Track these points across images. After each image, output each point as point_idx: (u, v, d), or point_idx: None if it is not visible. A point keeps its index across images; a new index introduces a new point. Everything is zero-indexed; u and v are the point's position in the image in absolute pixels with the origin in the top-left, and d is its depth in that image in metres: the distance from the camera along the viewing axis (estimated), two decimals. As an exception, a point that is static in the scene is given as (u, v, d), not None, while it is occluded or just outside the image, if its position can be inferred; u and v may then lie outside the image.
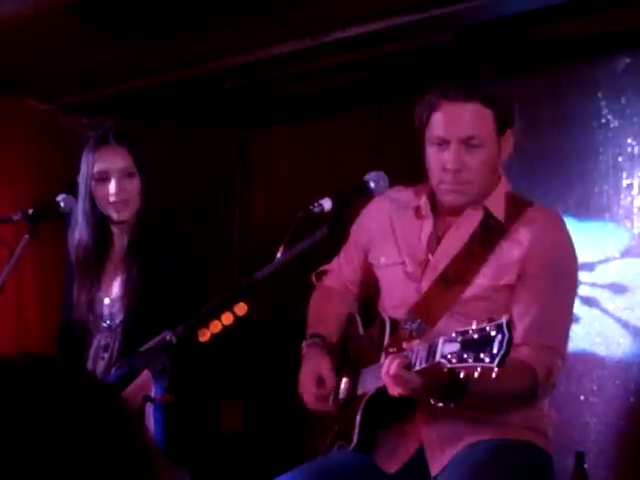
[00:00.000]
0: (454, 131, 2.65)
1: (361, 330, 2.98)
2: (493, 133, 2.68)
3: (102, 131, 3.42)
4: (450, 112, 2.66)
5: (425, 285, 2.76)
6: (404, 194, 2.93)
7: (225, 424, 4.83)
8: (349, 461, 2.79)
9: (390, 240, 2.90)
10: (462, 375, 2.29)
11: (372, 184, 2.68)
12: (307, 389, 2.88)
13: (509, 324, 2.23)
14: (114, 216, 3.36)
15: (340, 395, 2.88)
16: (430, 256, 2.78)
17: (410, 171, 2.83)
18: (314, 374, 2.87)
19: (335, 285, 3.12)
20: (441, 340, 2.35)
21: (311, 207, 2.57)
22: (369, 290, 3.05)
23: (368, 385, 2.76)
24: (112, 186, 3.33)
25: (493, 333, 2.23)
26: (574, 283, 2.80)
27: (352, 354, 2.96)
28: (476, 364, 2.23)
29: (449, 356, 2.29)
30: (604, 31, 3.51)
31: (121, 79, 4.36)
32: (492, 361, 2.20)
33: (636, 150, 3.59)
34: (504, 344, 2.20)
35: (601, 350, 3.67)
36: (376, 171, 2.70)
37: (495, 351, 2.20)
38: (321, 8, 3.39)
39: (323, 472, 2.77)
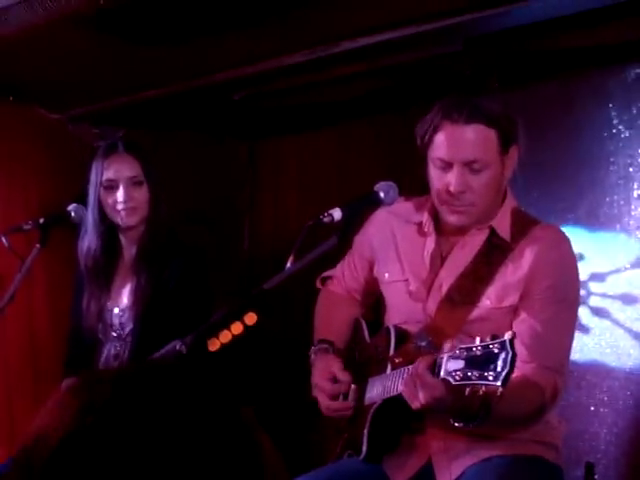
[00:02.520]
0: (457, 154, 2.61)
1: (367, 337, 2.98)
2: (497, 153, 2.63)
3: (112, 140, 3.46)
4: (453, 134, 2.61)
5: (431, 306, 2.74)
6: (404, 207, 2.92)
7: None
8: (358, 469, 2.78)
9: (393, 256, 2.88)
10: (467, 392, 2.28)
11: (382, 194, 2.67)
12: (322, 389, 2.87)
13: (512, 341, 2.22)
14: (121, 222, 3.39)
15: (349, 402, 2.87)
16: (434, 275, 2.77)
17: (420, 182, 2.82)
18: (327, 374, 2.87)
19: (339, 291, 3.12)
20: (445, 357, 2.34)
21: (321, 217, 2.57)
22: (374, 298, 3.05)
23: (375, 396, 2.76)
24: (120, 194, 3.36)
25: (496, 350, 2.22)
26: (576, 305, 2.78)
27: (359, 360, 2.96)
28: (480, 382, 2.22)
29: (453, 373, 2.28)
30: (615, 41, 3.50)
31: (131, 89, 4.36)
32: (496, 379, 2.18)
33: (647, 160, 3.59)
34: (508, 362, 2.19)
35: (612, 361, 3.66)
36: (386, 181, 2.70)
37: (499, 369, 2.19)
38: (331, 19, 3.39)
39: (331, 478, 2.76)
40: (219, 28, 3.53)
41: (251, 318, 2.44)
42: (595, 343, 3.68)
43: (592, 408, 3.68)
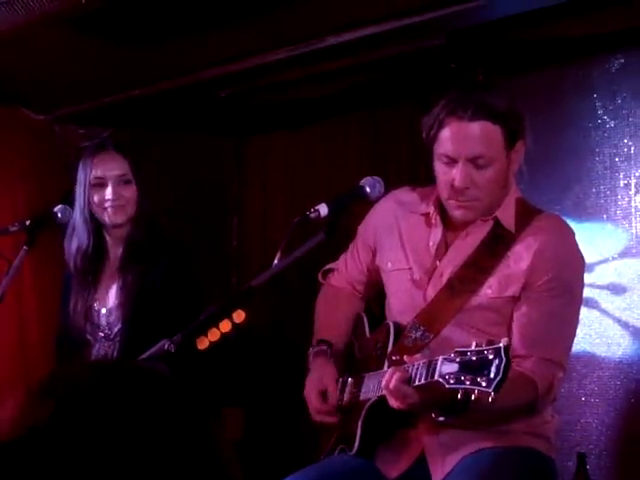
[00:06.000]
0: (462, 150, 2.61)
1: (367, 331, 2.98)
2: (502, 149, 2.64)
3: (100, 139, 3.46)
4: (458, 131, 2.61)
5: (431, 292, 2.75)
6: (410, 196, 2.92)
7: (227, 432, 4.83)
8: (350, 465, 2.79)
9: (397, 244, 2.88)
10: (460, 396, 2.29)
11: (368, 189, 2.67)
12: (311, 402, 2.89)
13: (507, 349, 2.24)
14: (108, 220, 3.39)
15: (345, 396, 2.88)
16: (437, 263, 2.77)
17: (406, 176, 2.82)
18: (318, 388, 2.88)
19: (342, 285, 3.10)
20: (440, 359, 2.36)
21: (307, 213, 2.57)
22: (376, 289, 3.04)
23: (370, 392, 2.76)
24: (108, 192, 3.36)
25: (491, 357, 2.24)
26: (579, 294, 2.78)
27: (358, 355, 2.96)
28: (473, 387, 2.24)
29: (447, 376, 2.31)
30: (598, 32, 3.51)
31: (116, 89, 4.35)
32: (489, 386, 2.21)
33: (632, 150, 3.59)
34: (501, 369, 2.22)
35: (601, 351, 3.67)
36: (372, 176, 2.70)
37: (492, 376, 2.22)
38: (315, 14, 3.39)
39: (324, 475, 2.77)
40: (203, 26, 3.53)
41: (240, 316, 2.44)
42: (585, 333, 3.68)
43: (583, 399, 3.69)
